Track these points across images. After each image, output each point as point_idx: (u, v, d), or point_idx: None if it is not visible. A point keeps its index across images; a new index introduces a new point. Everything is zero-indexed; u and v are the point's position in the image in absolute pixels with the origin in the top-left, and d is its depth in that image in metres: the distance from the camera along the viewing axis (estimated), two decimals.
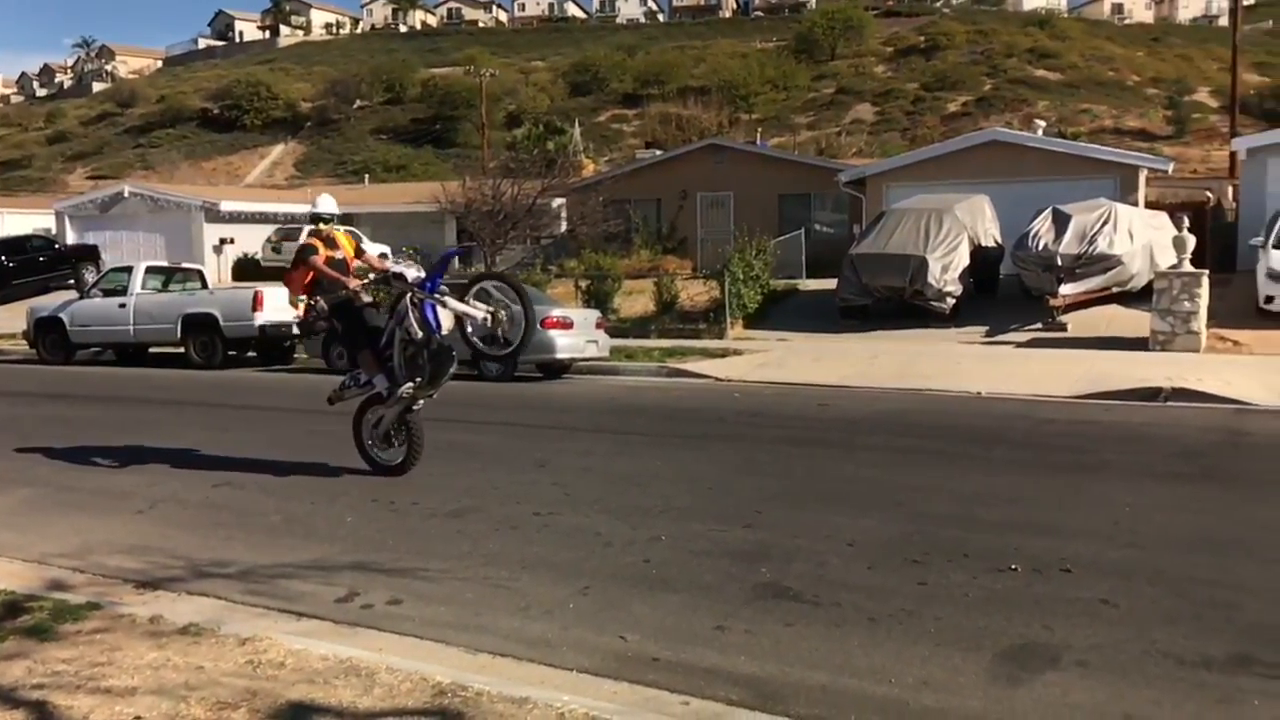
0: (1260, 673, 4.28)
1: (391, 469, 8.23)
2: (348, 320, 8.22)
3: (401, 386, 7.93)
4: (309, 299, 8.21)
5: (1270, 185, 21.41)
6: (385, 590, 5.55)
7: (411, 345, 7.90)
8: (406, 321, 7.81)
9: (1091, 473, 8.35)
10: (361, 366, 8.23)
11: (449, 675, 4.32)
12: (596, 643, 4.79)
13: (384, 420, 8.18)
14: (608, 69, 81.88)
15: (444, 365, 7.94)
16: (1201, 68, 68.87)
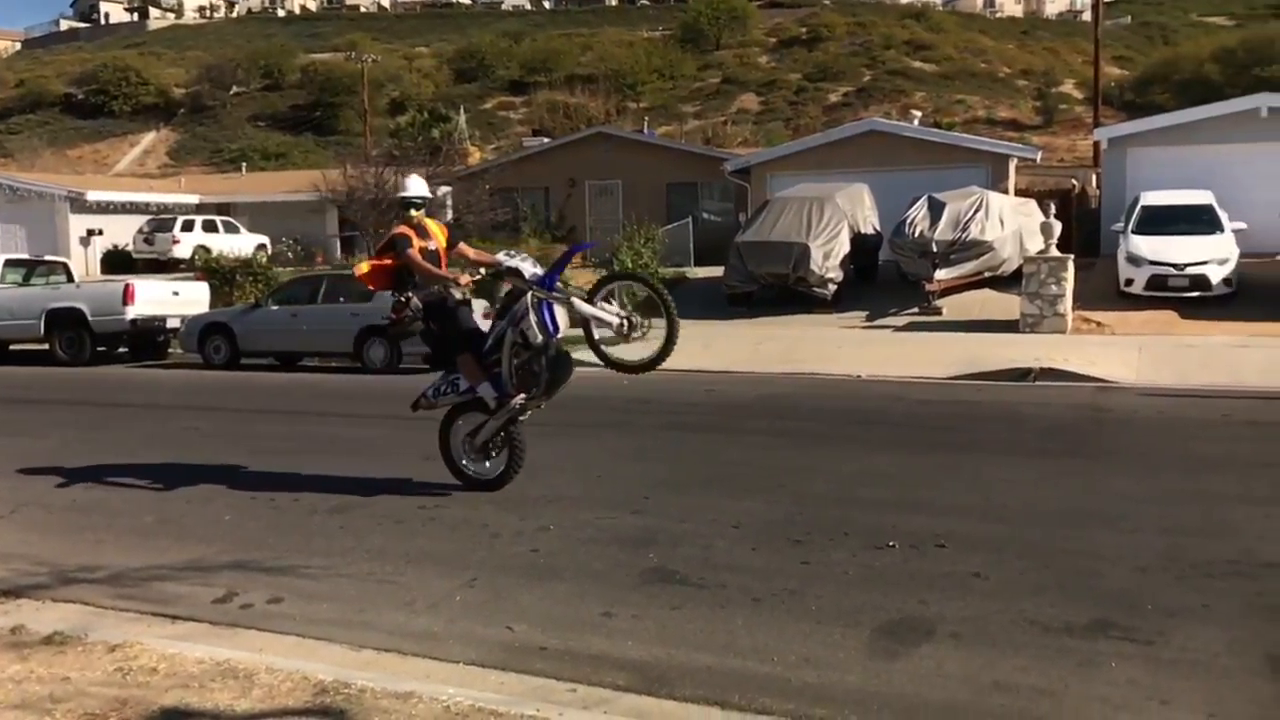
0: (1116, 636, 4.51)
1: (486, 484, 7.32)
2: (443, 320, 7.25)
3: (515, 397, 7.00)
4: (399, 296, 7.17)
5: (1130, 173, 22.46)
6: (265, 589, 5.42)
7: (526, 350, 6.97)
8: (525, 323, 6.86)
9: (965, 451, 8.66)
10: (461, 372, 7.20)
11: (331, 673, 4.25)
12: (483, 634, 4.77)
13: (484, 431, 7.23)
14: (494, 56, 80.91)
15: (563, 374, 7.10)
16: (1067, 61, 71.71)
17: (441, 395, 7.37)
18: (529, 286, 6.87)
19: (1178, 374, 12.84)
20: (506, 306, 7.05)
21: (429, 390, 7.41)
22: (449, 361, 7.35)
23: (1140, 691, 3.97)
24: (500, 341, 7.07)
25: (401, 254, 7.13)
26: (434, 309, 7.22)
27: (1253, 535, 5.93)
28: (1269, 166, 20.85)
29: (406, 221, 7.36)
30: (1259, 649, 4.32)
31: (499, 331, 7.08)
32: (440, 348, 7.47)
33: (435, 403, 7.39)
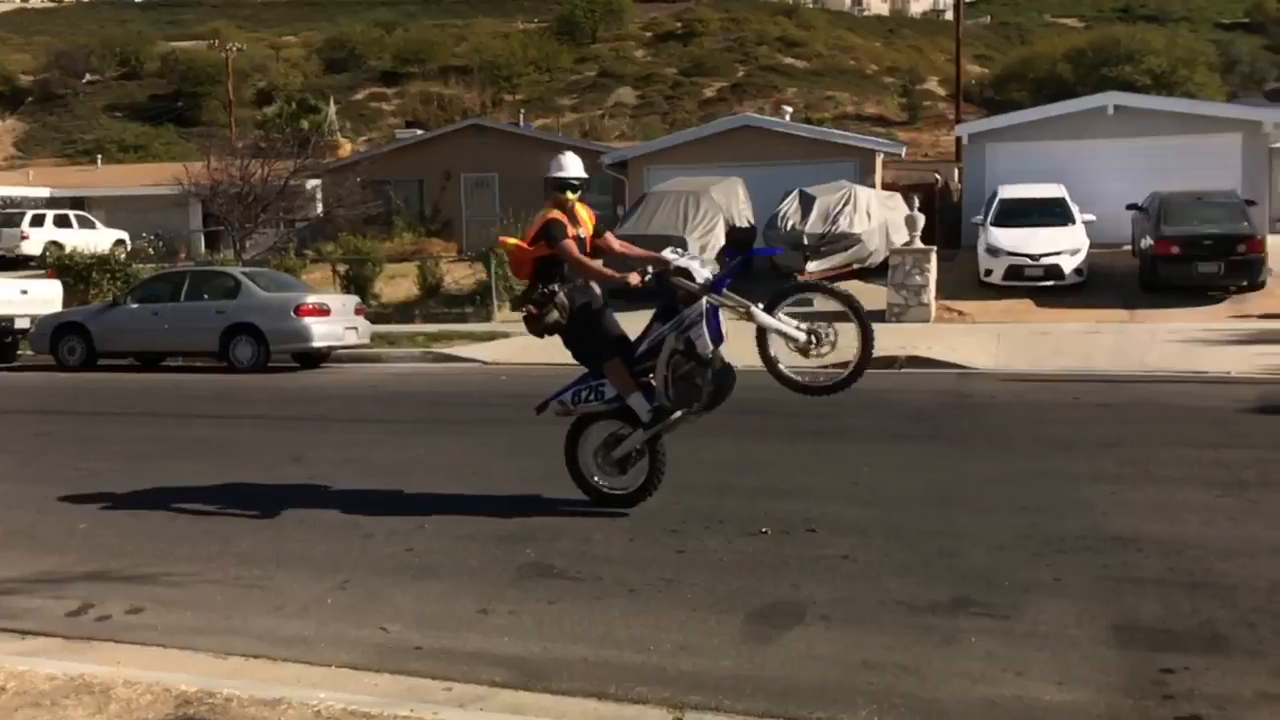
0: (976, 612, 4.71)
1: (621, 499, 6.60)
2: (589, 321, 6.49)
3: (674, 413, 6.30)
4: (543, 288, 6.41)
5: (989, 168, 23.40)
6: (124, 600, 5.20)
7: (689, 361, 6.22)
8: (695, 331, 6.12)
9: (834, 438, 8.90)
10: (610, 379, 6.42)
11: (196, 683, 4.11)
12: (356, 636, 4.68)
13: (625, 444, 6.49)
14: (365, 46, 79.09)
15: (727, 389, 6.41)
16: (931, 59, 74.18)
17: (584, 402, 6.55)
18: (703, 291, 6.11)
19: (1033, 359, 13.46)
20: (666, 309, 6.28)
21: (567, 394, 6.57)
22: (594, 365, 6.53)
23: (997, 664, 4.15)
24: (657, 348, 6.30)
25: (556, 244, 6.32)
26: (580, 308, 6.46)
27: (1100, 511, 6.27)
28: (1116, 161, 22.02)
29: (559, 205, 6.54)
30: (1104, 619, 4.57)
31: (657, 337, 6.31)
32: (585, 350, 6.60)
33: (573, 409, 6.59)
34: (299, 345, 15.53)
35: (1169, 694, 3.82)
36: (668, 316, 6.26)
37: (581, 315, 6.43)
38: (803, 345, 6.25)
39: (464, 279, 22.64)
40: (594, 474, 6.66)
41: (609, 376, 6.44)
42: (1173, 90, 44.48)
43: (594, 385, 6.51)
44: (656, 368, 6.30)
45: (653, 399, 6.35)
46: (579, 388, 6.57)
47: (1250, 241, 17.61)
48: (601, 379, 6.48)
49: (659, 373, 6.30)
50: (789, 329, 6.26)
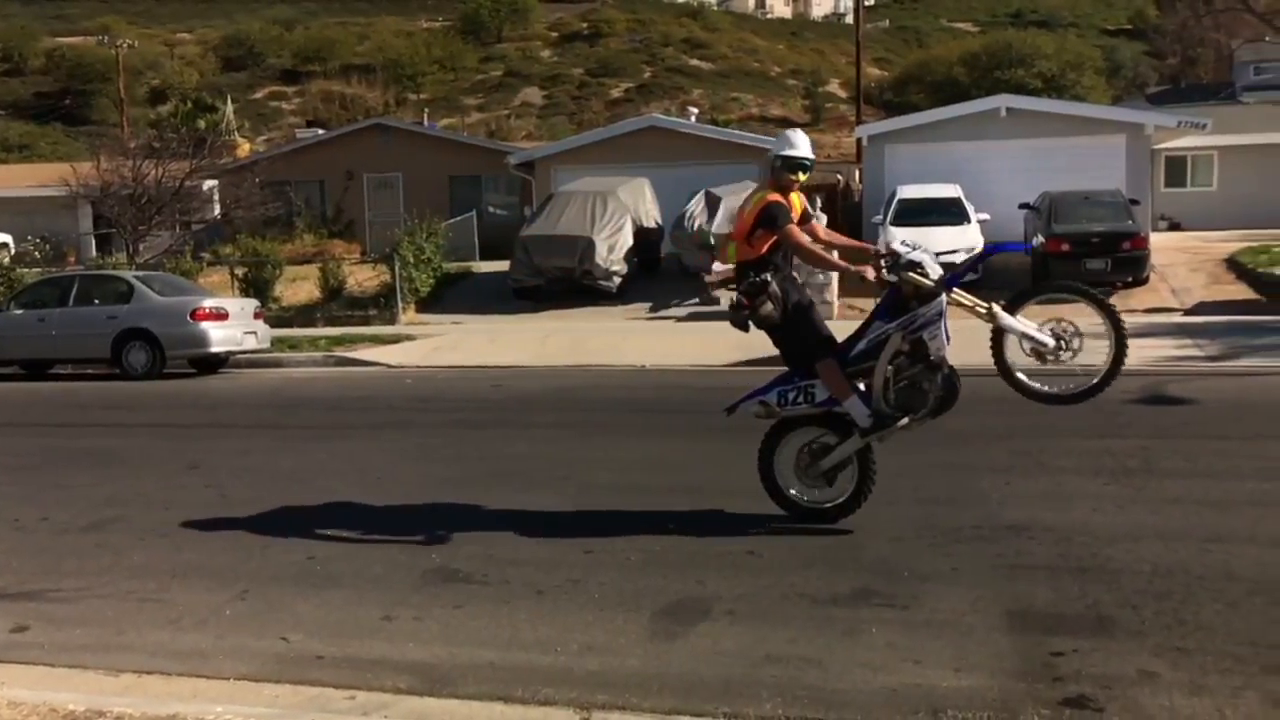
0: (877, 603, 4.81)
1: (824, 513, 6.06)
2: (804, 316, 5.97)
3: (897, 420, 5.80)
4: (756, 277, 5.88)
5: (889, 168, 23.93)
6: (7, 618, 4.99)
7: (915, 364, 5.76)
8: (929, 332, 5.65)
9: (743, 434, 8.92)
10: (824, 381, 5.87)
11: (84, 702, 3.97)
12: (256, 647, 4.58)
13: (835, 453, 5.96)
14: (264, 43, 77.33)
15: (954, 396, 5.90)
16: (833, 61, 75.59)
17: (791, 404, 5.99)
18: (940, 289, 5.63)
19: None
20: (889, 306, 5.77)
21: (770, 395, 6.03)
22: (803, 364, 5.98)
23: (897, 654, 4.25)
24: (876, 349, 5.77)
25: (779, 229, 5.80)
26: (795, 302, 5.98)
27: (995, 501, 6.47)
28: (1008, 162, 22.73)
29: (781, 187, 5.98)
30: (999, 606, 4.71)
31: (878, 336, 5.76)
32: (797, 348, 6.02)
33: (779, 411, 6.04)
34: (196, 351, 15.10)
35: (1058, 676, 3.96)
36: (891, 313, 5.72)
37: (796, 309, 5.97)
38: (1049, 350, 5.71)
39: (367, 281, 22.27)
40: (791, 486, 6.12)
41: (823, 378, 5.88)
42: (1062, 93, 46.16)
43: (803, 386, 5.95)
44: (875, 370, 5.77)
45: (870, 403, 5.83)
46: (785, 388, 6.00)
47: (1135, 239, 18.35)
48: (810, 379, 5.92)
49: (877, 375, 5.77)
50: (1036, 333, 5.72)
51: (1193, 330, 14.56)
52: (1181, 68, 61.66)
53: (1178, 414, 9.59)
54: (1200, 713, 3.63)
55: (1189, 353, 13.07)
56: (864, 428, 5.82)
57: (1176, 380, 11.29)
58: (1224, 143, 26.12)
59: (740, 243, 6.03)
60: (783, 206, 5.86)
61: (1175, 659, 4.06)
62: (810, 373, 5.92)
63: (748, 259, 5.97)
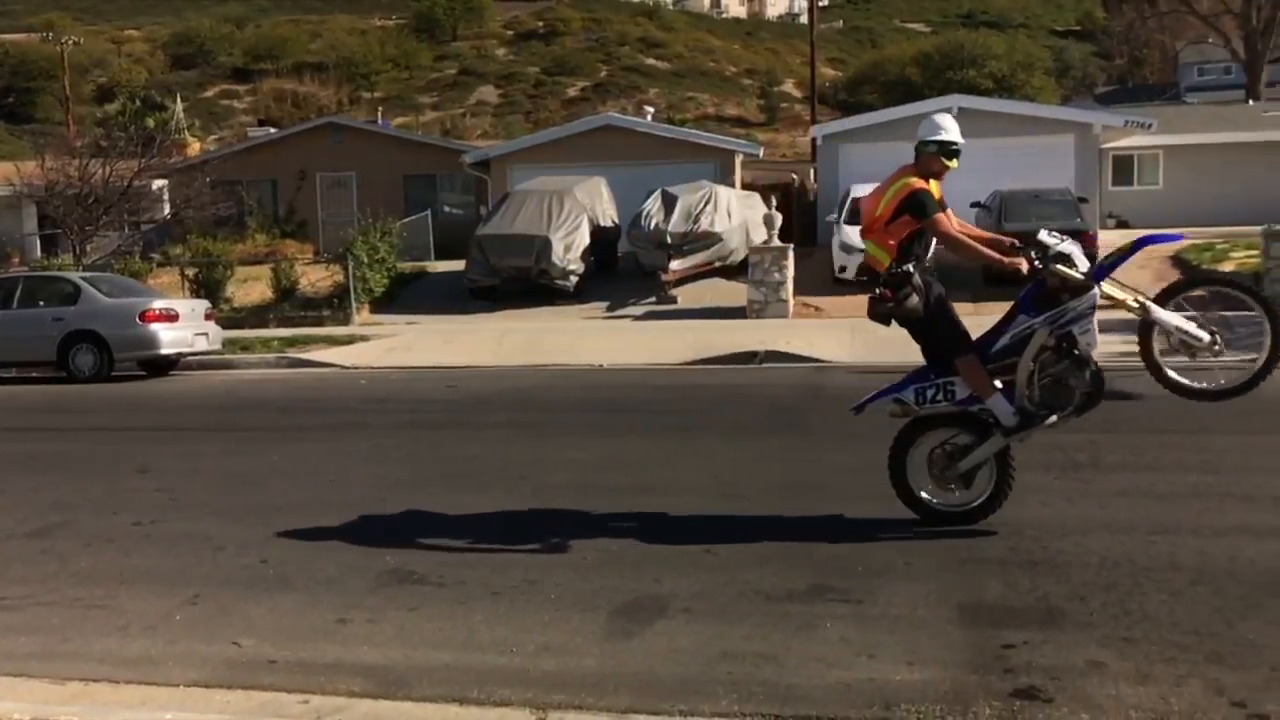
0: (832, 599, 4.85)
1: (960, 515, 5.83)
2: (946, 310, 5.78)
3: (1045, 418, 5.60)
4: (898, 268, 5.67)
5: (843, 167, 24.13)
6: None
7: (1062, 360, 5.56)
8: (1082, 326, 5.48)
9: (697, 432, 9.04)
10: (965, 378, 5.65)
11: (29, 711, 3.89)
12: (207, 653, 4.51)
13: (978, 453, 5.73)
14: (214, 41, 76.21)
15: (1100, 393, 5.68)
16: (788, 61, 76.01)
17: (930, 402, 5.75)
18: (1091, 282, 5.45)
19: (885, 352, 13.81)
20: (1033, 299, 5.58)
21: (907, 392, 5.80)
22: (942, 360, 5.77)
23: (851, 648, 4.28)
24: (1022, 344, 5.57)
25: (928, 218, 5.58)
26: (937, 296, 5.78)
27: None
28: (960, 161, 22.97)
29: (929, 173, 5.77)
30: (951, 600, 4.77)
31: (1022, 331, 5.57)
32: (938, 344, 5.80)
33: (917, 409, 5.80)
34: (145, 353, 14.86)
35: (1009, 668, 4.02)
36: (1037, 307, 5.53)
37: (938, 302, 5.74)
38: (1204, 345, 5.51)
39: (321, 281, 22.03)
40: (923, 488, 5.88)
41: (963, 374, 5.66)
42: (1013, 93, 46.80)
43: (942, 383, 5.72)
44: (1019, 366, 5.58)
45: (1014, 401, 5.63)
46: (923, 385, 5.76)
47: (1084, 236, 18.62)
48: (949, 376, 5.70)
49: (1021, 371, 5.58)
50: (1190, 328, 5.50)
51: None
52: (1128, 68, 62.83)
53: (1125, 409, 9.75)
54: (1145, 701, 3.70)
55: (1137, 348, 13.30)
56: (1008, 427, 5.62)
57: (1124, 376, 11.49)
58: (1169, 142, 26.62)
59: (877, 233, 5.76)
60: (931, 194, 5.65)
61: (1122, 649, 4.14)
62: (947, 369, 5.72)
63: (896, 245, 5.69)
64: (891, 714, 3.72)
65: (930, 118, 5.92)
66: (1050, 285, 5.47)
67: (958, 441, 5.78)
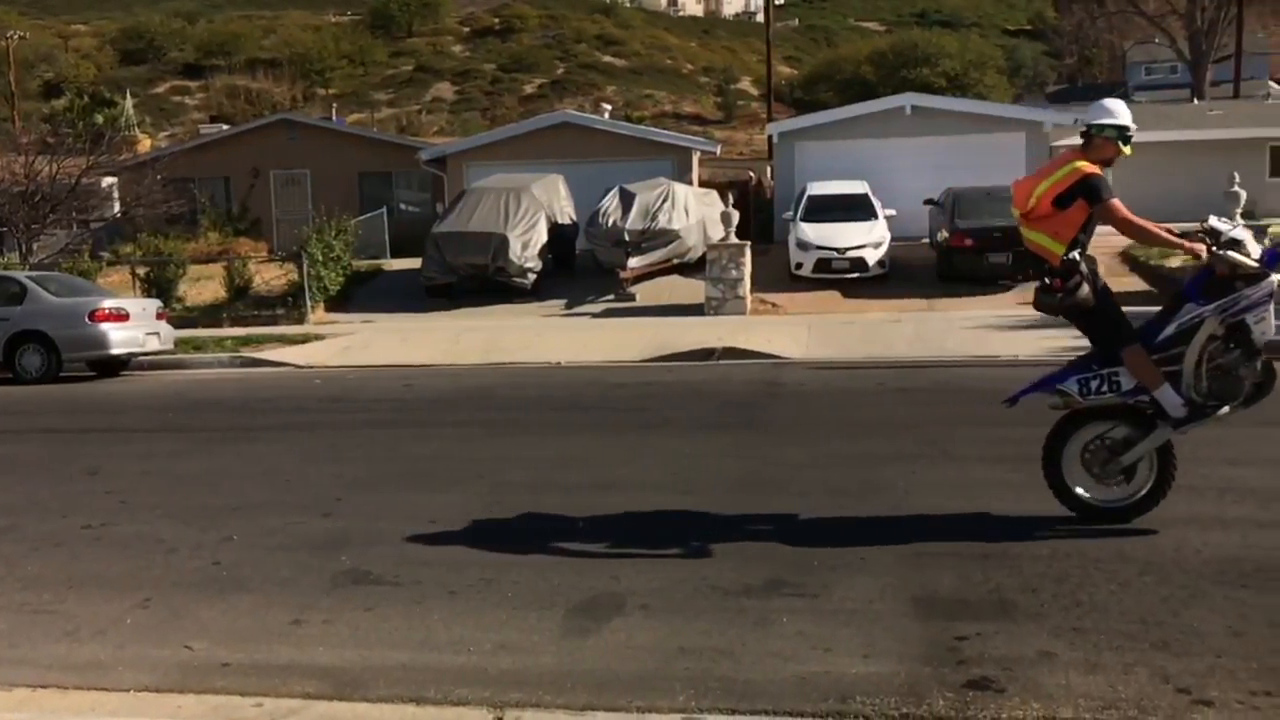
0: (788, 593, 4.88)
1: (1118, 512, 5.65)
2: (1110, 300, 5.64)
3: (1216, 409, 5.43)
4: (1067, 255, 5.52)
5: (799, 165, 24.28)
6: None
7: (1232, 350, 5.40)
8: (1257, 314, 5.28)
9: (655, 429, 9.05)
10: (1130, 369, 5.49)
11: None
12: (159, 657, 4.45)
13: (1142, 446, 5.55)
14: (164, 37, 74.95)
15: (1270, 384, 5.47)
16: (744, 59, 76.26)
17: (1095, 394, 5.55)
18: (1266, 269, 5.25)
19: (841, 348, 14.06)
20: (1202, 287, 5.41)
21: (1069, 383, 5.61)
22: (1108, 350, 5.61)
23: (807, 642, 4.32)
24: (1189, 333, 5.40)
25: (1103, 203, 5.42)
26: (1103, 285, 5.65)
27: (902, 490, 6.61)
28: (914, 159, 23.26)
29: (1100, 158, 5.58)
30: (906, 593, 4.82)
31: (1190, 320, 5.40)
32: (1104, 334, 5.63)
33: (1080, 402, 5.59)
34: (95, 353, 14.60)
35: (962, 659, 4.07)
36: (1206, 295, 5.37)
37: (1104, 291, 5.63)
38: None
39: (275, 280, 21.78)
40: (1078, 484, 5.72)
41: (1129, 365, 5.48)
42: (965, 92, 47.30)
43: (1106, 374, 5.54)
44: (1186, 356, 5.42)
45: (1181, 392, 5.45)
46: (1085, 376, 5.58)
47: None
48: (1113, 367, 5.53)
49: (1188, 361, 5.42)
50: None
51: None
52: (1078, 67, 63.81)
53: None
54: (1094, 689, 3.77)
55: (1086, 343, 13.53)
56: (1177, 418, 5.45)
57: None
58: None
59: (1041, 220, 5.59)
60: (1104, 179, 5.48)
61: (1072, 639, 4.21)
62: (1109, 359, 5.56)
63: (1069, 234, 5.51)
64: (847, 707, 3.75)
65: (1101, 103, 5.74)
66: (1219, 272, 5.32)
67: (1115, 435, 5.62)
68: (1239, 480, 6.49)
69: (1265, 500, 6.08)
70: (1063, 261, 5.52)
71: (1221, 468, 6.80)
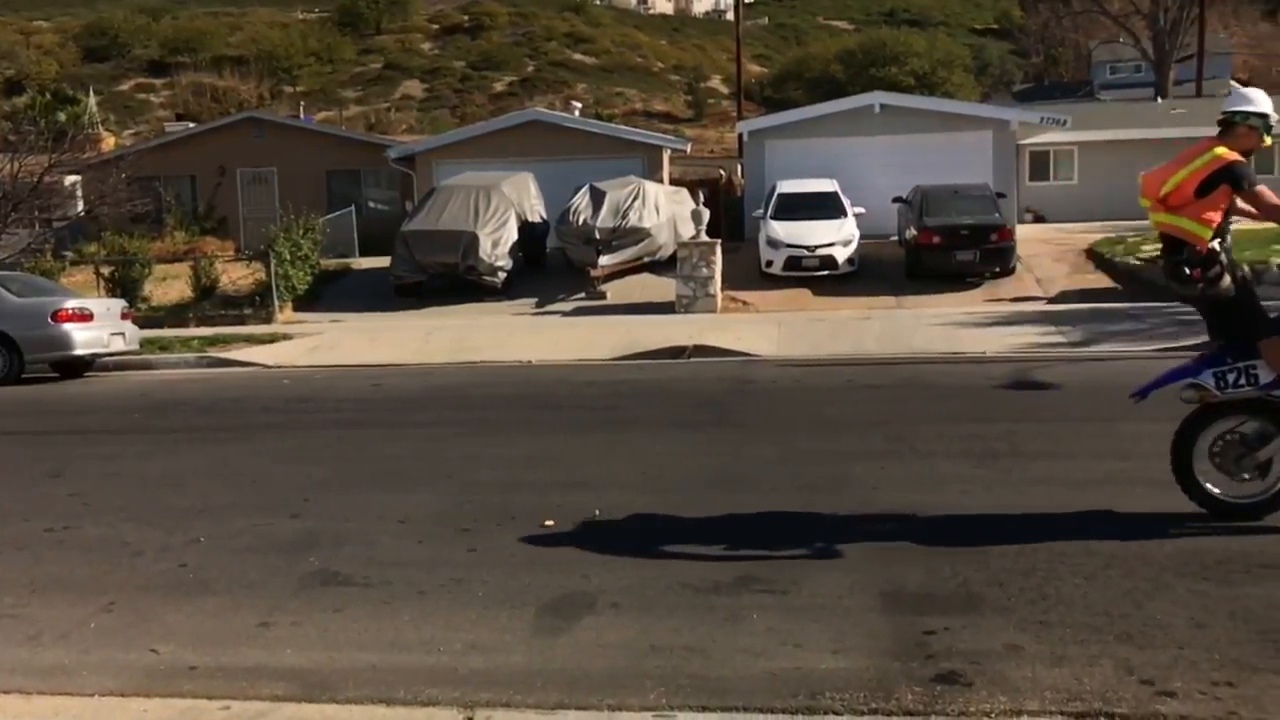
0: (758, 590, 4.89)
1: (1249, 509, 5.53)
2: (1248, 290, 5.54)
3: None
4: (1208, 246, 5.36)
5: (769, 163, 24.34)
6: None
7: None
8: None
9: (626, 427, 9.05)
10: (1269, 360, 5.36)
11: None
12: (124, 661, 4.40)
13: (1275, 443, 5.45)
14: (129, 33, 74.07)
15: None
16: (714, 57, 76.39)
17: (1232, 388, 5.40)
18: None
19: (811, 345, 14.12)
20: None
21: (1204, 376, 5.46)
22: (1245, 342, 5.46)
23: (777, 638, 4.33)
24: None
25: (1249, 189, 5.27)
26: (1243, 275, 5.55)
27: (871, 486, 6.65)
28: (882, 157, 23.40)
29: (1242, 147, 5.41)
30: (875, 588, 4.85)
31: None
32: (1243, 325, 5.48)
33: (1216, 395, 5.45)
34: (58, 354, 14.41)
35: (930, 654, 4.10)
36: None
37: (1243, 282, 5.52)
38: None
39: (242, 279, 21.59)
40: (1208, 480, 5.58)
41: (1267, 357, 5.34)
42: (933, 90, 47.64)
43: (1244, 367, 5.38)
44: None
45: None
46: (1220, 369, 5.43)
47: (1001, 231, 19.08)
48: (1250, 359, 5.38)
49: None
50: None
51: (1056, 318, 15.23)
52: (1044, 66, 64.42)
53: (1042, 398, 10.02)
54: (1060, 682, 3.81)
55: (1053, 339, 13.69)
56: None
57: (1041, 366, 11.81)
58: (1083, 138, 27.35)
59: (1181, 208, 5.41)
60: (1247, 167, 5.32)
61: (1038, 632, 4.25)
62: (1244, 352, 5.41)
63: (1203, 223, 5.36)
64: (817, 703, 3.77)
65: (1242, 90, 5.61)
66: None
67: (1247, 429, 5.49)
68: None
69: None
70: (1205, 251, 5.36)
71: None
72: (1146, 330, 13.74)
